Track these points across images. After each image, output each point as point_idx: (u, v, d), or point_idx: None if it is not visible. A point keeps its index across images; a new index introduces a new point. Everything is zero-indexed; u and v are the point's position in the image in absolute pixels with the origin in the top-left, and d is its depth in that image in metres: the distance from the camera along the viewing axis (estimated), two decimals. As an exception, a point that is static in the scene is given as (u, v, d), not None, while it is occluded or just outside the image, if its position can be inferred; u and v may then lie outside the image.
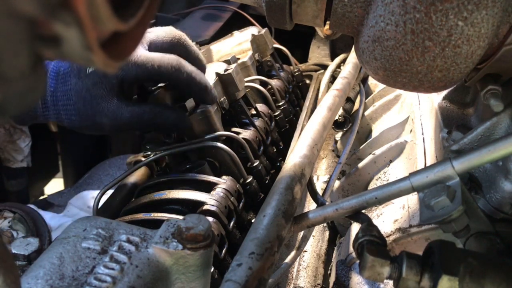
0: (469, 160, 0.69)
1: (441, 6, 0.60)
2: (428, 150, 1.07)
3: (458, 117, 1.02)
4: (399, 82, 0.71)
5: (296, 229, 0.82)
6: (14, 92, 0.30)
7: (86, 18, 0.28)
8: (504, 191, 0.78)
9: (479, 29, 0.62)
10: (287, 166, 0.91)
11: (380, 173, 1.23)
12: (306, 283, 1.18)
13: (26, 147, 1.95)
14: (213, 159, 1.12)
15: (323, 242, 1.33)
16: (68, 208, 1.53)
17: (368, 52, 0.71)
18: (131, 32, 0.34)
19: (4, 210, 1.13)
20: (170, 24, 1.17)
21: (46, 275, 0.57)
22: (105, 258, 0.60)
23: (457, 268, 0.61)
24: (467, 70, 0.67)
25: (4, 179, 2.02)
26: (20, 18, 0.28)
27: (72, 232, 0.64)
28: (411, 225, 0.93)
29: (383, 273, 0.65)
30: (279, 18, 0.76)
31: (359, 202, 0.77)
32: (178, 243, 0.62)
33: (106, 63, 0.31)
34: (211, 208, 0.94)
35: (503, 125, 0.80)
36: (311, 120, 1.12)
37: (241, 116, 1.25)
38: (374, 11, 0.67)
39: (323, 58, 2.06)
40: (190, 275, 0.63)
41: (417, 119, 1.19)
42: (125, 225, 0.66)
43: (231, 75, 1.21)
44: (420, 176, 0.72)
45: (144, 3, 0.35)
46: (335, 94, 1.27)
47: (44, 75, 0.33)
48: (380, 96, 1.51)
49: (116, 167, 1.77)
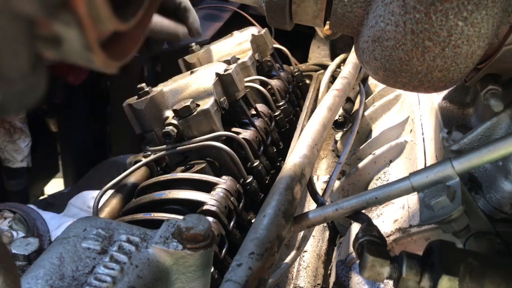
0: (469, 160, 0.69)
1: (441, 6, 0.60)
2: (428, 150, 1.07)
3: (458, 117, 1.02)
4: (399, 82, 0.71)
5: (296, 229, 0.82)
6: (14, 92, 0.30)
7: (86, 18, 0.28)
8: (504, 191, 0.78)
9: (479, 29, 0.62)
10: (287, 166, 0.91)
11: (380, 173, 1.23)
12: (306, 283, 1.18)
13: (26, 147, 1.95)
14: (213, 159, 1.12)
15: (323, 242, 1.33)
16: (68, 208, 1.53)
17: (368, 52, 0.71)
18: (131, 32, 0.34)
19: (4, 210, 1.13)
20: (170, 24, 1.18)
21: (46, 275, 0.57)
22: (105, 258, 0.60)
23: (457, 268, 0.61)
24: (467, 70, 0.67)
25: (4, 179, 2.02)
26: (20, 18, 0.28)
27: (72, 232, 0.64)
28: (411, 225, 0.93)
29: (383, 273, 0.65)
30: (279, 18, 0.76)
31: (359, 202, 0.77)
32: (178, 243, 0.62)
33: (106, 63, 0.31)
34: (211, 208, 0.94)
35: (503, 125, 0.80)
36: (311, 120, 1.12)
37: (241, 116, 1.25)
38: (374, 11, 0.67)
39: (323, 58, 2.06)
40: (190, 275, 0.63)
41: (417, 119, 1.19)
42: (125, 225, 0.66)
43: (231, 75, 1.21)
44: (420, 176, 0.72)
45: (144, 3, 0.35)
46: (335, 94, 1.27)
47: (44, 75, 0.33)
48: (380, 96, 1.51)
49: (116, 167, 1.77)
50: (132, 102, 1.18)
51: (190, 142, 1.11)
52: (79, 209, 1.51)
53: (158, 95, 1.18)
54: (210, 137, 1.10)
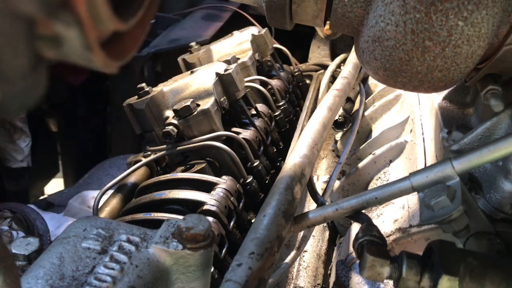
0: (469, 160, 0.69)
1: (441, 6, 0.60)
2: (428, 150, 1.07)
3: (458, 117, 1.02)
4: (399, 82, 0.71)
5: (296, 229, 0.82)
6: (14, 92, 0.30)
7: (86, 18, 0.28)
8: (504, 191, 0.78)
9: (479, 29, 0.62)
10: (287, 166, 0.91)
11: (380, 173, 1.23)
12: (306, 283, 1.18)
13: (26, 147, 1.95)
14: (213, 159, 1.12)
15: (323, 242, 1.33)
16: (68, 208, 1.53)
17: (368, 52, 0.71)
18: (131, 32, 0.34)
19: (4, 210, 1.13)
20: (170, 24, 1.17)
21: (46, 275, 0.57)
22: (105, 258, 0.60)
23: (457, 268, 0.61)
24: (467, 70, 0.67)
25: (4, 179, 2.02)
26: (20, 18, 0.28)
27: (72, 232, 0.64)
28: (411, 225, 0.93)
29: (383, 273, 0.65)
30: (279, 18, 0.76)
31: (359, 202, 0.77)
32: (178, 243, 0.62)
33: (106, 63, 0.31)
34: (211, 208, 0.94)
35: (503, 125, 0.80)
36: (311, 120, 1.12)
37: (241, 116, 1.25)
38: (374, 11, 0.67)
39: (323, 58, 2.06)
40: (190, 275, 0.63)
41: (417, 119, 1.19)
42: (125, 225, 0.66)
43: (231, 75, 1.21)
44: (420, 176, 0.72)
45: (144, 3, 0.35)
46: (335, 94, 1.27)
47: (44, 75, 0.33)
48: (380, 96, 1.51)
49: (116, 167, 1.77)
50: (132, 102, 1.18)
51: (190, 142, 1.11)
52: (79, 209, 1.51)
53: (158, 95, 1.18)
54: (210, 137, 1.10)
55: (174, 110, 1.13)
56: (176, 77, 1.32)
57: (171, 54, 1.88)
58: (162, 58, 2.06)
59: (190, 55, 1.52)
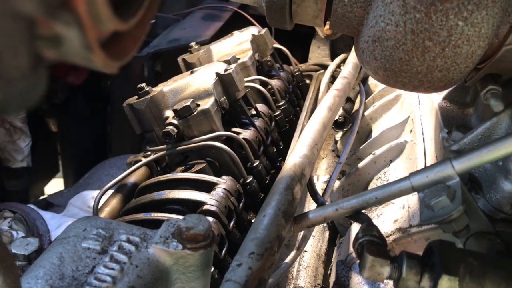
0: (469, 160, 0.69)
1: (441, 6, 0.60)
2: (428, 150, 1.07)
3: (458, 117, 1.02)
4: (399, 82, 0.71)
5: (296, 229, 0.82)
6: (14, 92, 0.30)
7: (86, 18, 0.28)
8: (504, 191, 0.78)
9: (479, 29, 0.62)
10: (287, 166, 0.91)
11: (380, 173, 1.23)
12: (306, 283, 1.18)
13: (26, 147, 1.95)
14: (213, 159, 1.12)
15: (323, 242, 1.33)
16: (68, 208, 1.53)
17: (368, 52, 0.71)
18: (131, 32, 0.34)
19: (4, 210, 1.13)
20: (170, 24, 1.17)
21: (46, 275, 0.57)
22: (105, 258, 0.60)
23: (457, 268, 0.61)
24: (467, 70, 0.67)
25: (4, 179, 2.02)
26: (20, 18, 0.28)
27: (72, 232, 0.64)
28: (411, 225, 0.93)
29: (383, 273, 0.65)
30: (279, 18, 0.76)
31: (359, 202, 0.77)
32: (178, 243, 0.62)
33: (106, 63, 0.31)
34: (211, 208, 0.94)
35: (503, 125, 0.80)
36: (311, 120, 1.12)
37: (241, 116, 1.25)
38: (374, 11, 0.67)
39: (323, 58, 2.06)
40: (190, 275, 0.63)
41: (417, 119, 1.19)
42: (125, 225, 0.66)
43: (231, 75, 1.21)
44: (420, 176, 0.72)
45: (144, 3, 0.35)
46: (335, 94, 1.27)
47: (44, 75, 0.33)
48: (380, 96, 1.51)
49: (116, 167, 1.77)
50: (132, 102, 1.18)
51: (190, 142, 1.11)
52: (79, 209, 1.51)
53: (158, 95, 1.18)
54: (210, 137, 1.10)
55: (174, 110, 1.13)
56: (176, 77, 1.32)
57: (171, 54, 1.88)
58: (162, 58, 2.06)
59: (190, 55, 1.52)
